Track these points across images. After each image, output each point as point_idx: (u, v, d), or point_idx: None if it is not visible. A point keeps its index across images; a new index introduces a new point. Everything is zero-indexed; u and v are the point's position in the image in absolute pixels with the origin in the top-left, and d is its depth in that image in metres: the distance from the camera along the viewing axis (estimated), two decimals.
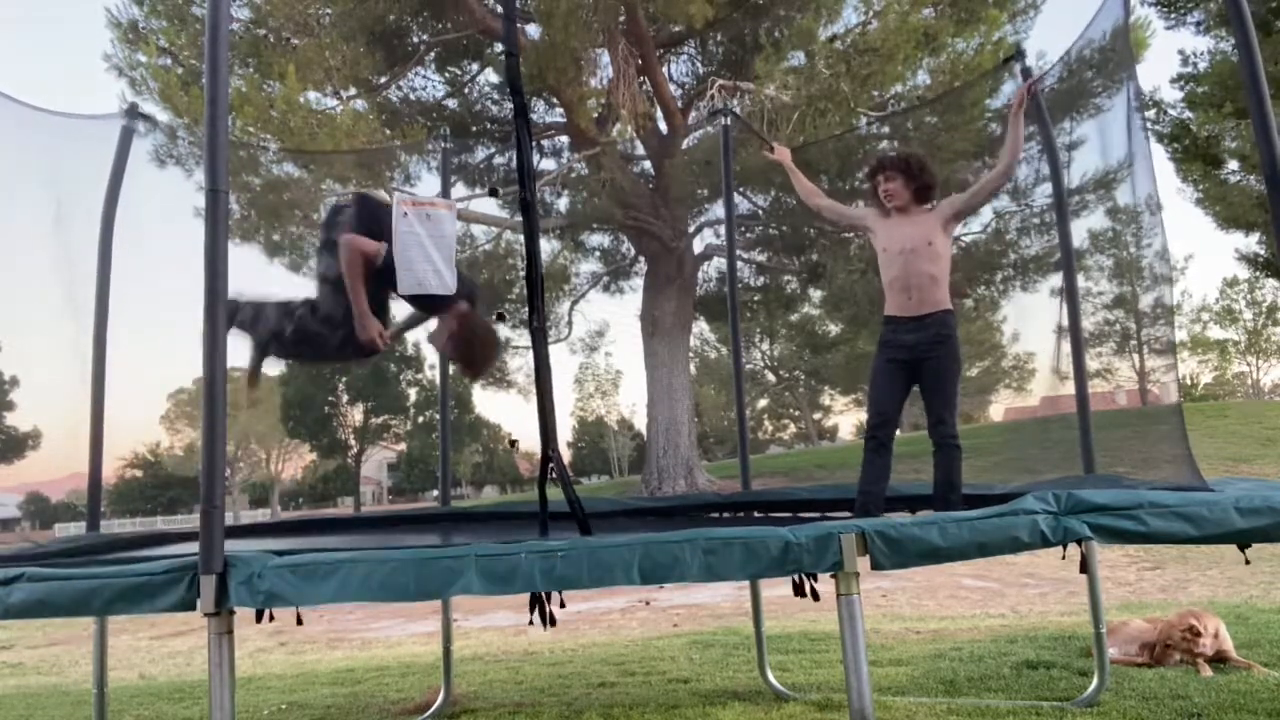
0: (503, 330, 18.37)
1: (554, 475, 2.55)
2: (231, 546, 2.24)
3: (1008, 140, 3.55)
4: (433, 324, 3.50)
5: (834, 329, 20.64)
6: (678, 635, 5.89)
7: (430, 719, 4.05)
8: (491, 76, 15.91)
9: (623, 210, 15.09)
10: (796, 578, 2.51)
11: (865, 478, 3.38)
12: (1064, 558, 2.51)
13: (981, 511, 2.24)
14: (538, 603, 2.39)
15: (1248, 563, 2.64)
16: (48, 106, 3.82)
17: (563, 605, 2.43)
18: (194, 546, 2.22)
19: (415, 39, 15.29)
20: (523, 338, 18.20)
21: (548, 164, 16.49)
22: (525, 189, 2.52)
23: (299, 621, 2.64)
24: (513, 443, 3.48)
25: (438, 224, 3.22)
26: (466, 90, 16.49)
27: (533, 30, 13.28)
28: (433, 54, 15.67)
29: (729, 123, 5.16)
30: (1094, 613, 3.62)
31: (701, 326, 26.10)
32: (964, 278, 15.44)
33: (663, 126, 15.69)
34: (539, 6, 12.38)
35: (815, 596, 2.56)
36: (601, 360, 47.55)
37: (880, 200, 3.64)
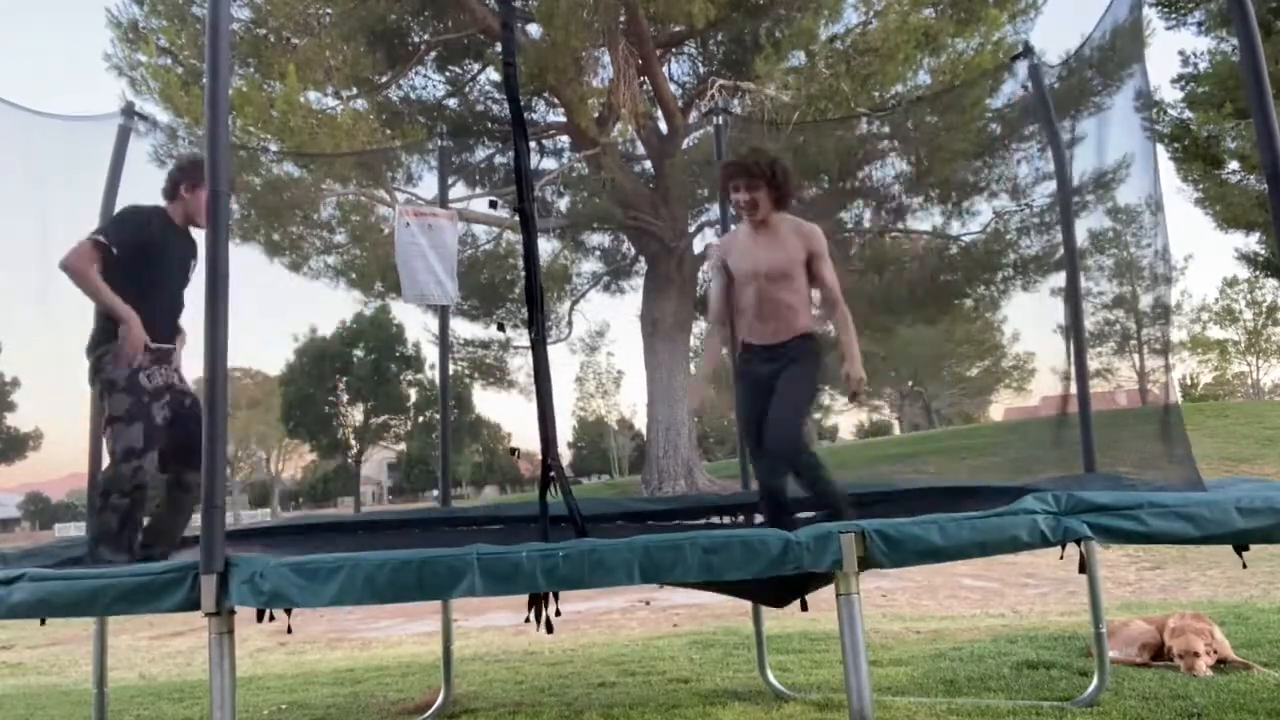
0: (505, 332, 18.37)
1: (554, 484, 2.55)
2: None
3: (843, 335, 3.27)
4: None
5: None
6: (678, 635, 5.88)
7: (430, 719, 4.05)
8: (493, 76, 15.93)
9: (623, 210, 15.10)
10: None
11: (826, 482, 3.11)
12: (1062, 557, 2.50)
13: (981, 511, 2.24)
14: (536, 604, 2.40)
15: (1245, 566, 2.62)
16: (49, 105, 3.84)
17: (558, 614, 2.43)
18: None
19: (415, 39, 15.29)
20: (524, 338, 18.22)
21: (548, 164, 16.51)
22: (523, 200, 2.52)
23: (289, 630, 2.64)
24: (513, 451, 3.47)
25: (439, 234, 3.25)
26: (467, 90, 16.50)
27: (533, 30, 13.29)
28: (433, 54, 15.68)
29: (720, 121, 5.15)
30: (1094, 613, 3.62)
31: (702, 326, 26.09)
32: (964, 278, 15.47)
33: (663, 126, 15.70)
34: (539, 6, 12.39)
35: (804, 606, 2.44)
36: (602, 360, 47.54)
37: (737, 209, 3.24)
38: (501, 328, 17.41)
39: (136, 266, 3.11)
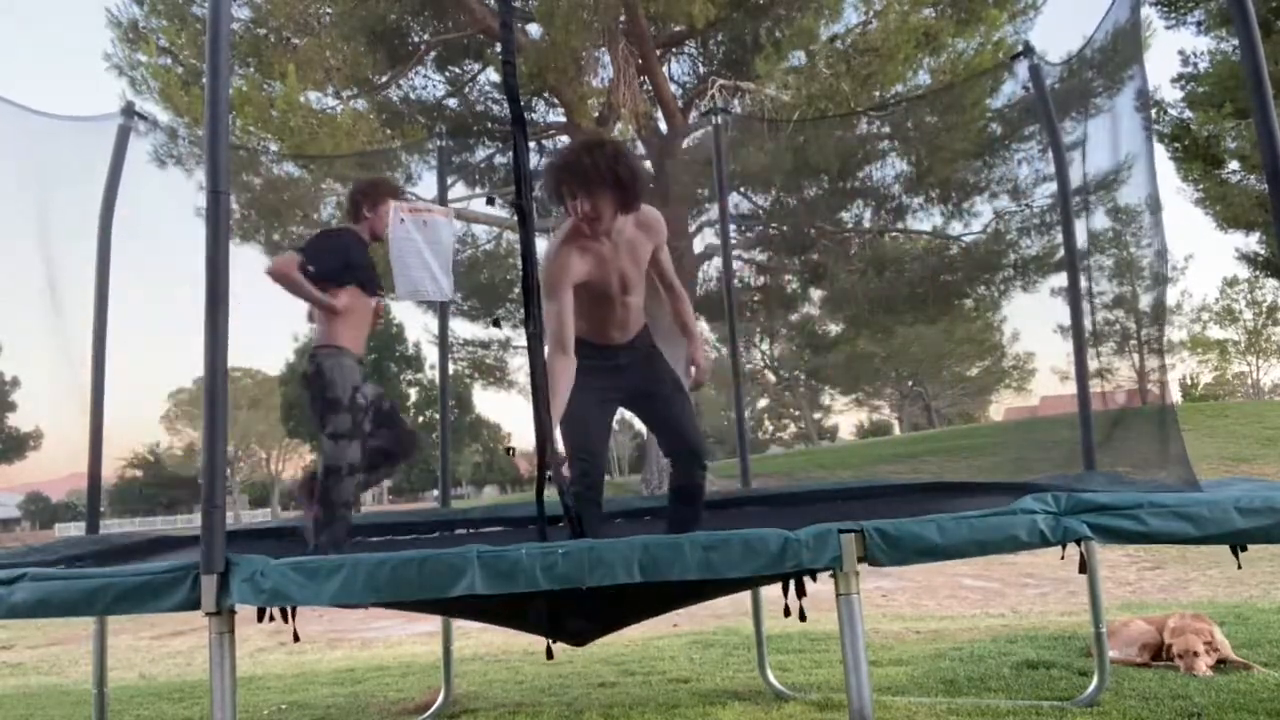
0: (502, 330, 18.40)
1: (551, 482, 2.55)
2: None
3: (686, 317, 3.14)
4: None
5: (834, 329, 20.67)
6: (678, 635, 5.88)
7: (430, 719, 4.05)
8: (492, 76, 15.94)
9: None
10: (786, 602, 2.46)
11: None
12: (1062, 557, 2.50)
13: (981, 511, 2.24)
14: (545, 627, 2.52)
15: (1240, 567, 2.62)
16: (50, 104, 3.84)
17: (550, 655, 2.55)
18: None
19: (415, 39, 15.30)
20: (523, 338, 18.20)
21: None
22: (521, 195, 2.51)
23: (295, 639, 2.64)
24: (509, 450, 3.45)
25: (434, 230, 3.21)
26: (467, 90, 16.50)
27: (533, 30, 13.30)
28: (433, 54, 15.68)
29: (720, 121, 5.15)
30: (1094, 613, 3.62)
31: (702, 326, 26.15)
32: (964, 278, 15.48)
33: (663, 126, 15.71)
34: (539, 7, 12.39)
35: (802, 617, 2.40)
36: None
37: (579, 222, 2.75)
38: (497, 323, 17.37)
39: (336, 285, 3.29)
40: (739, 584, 3.07)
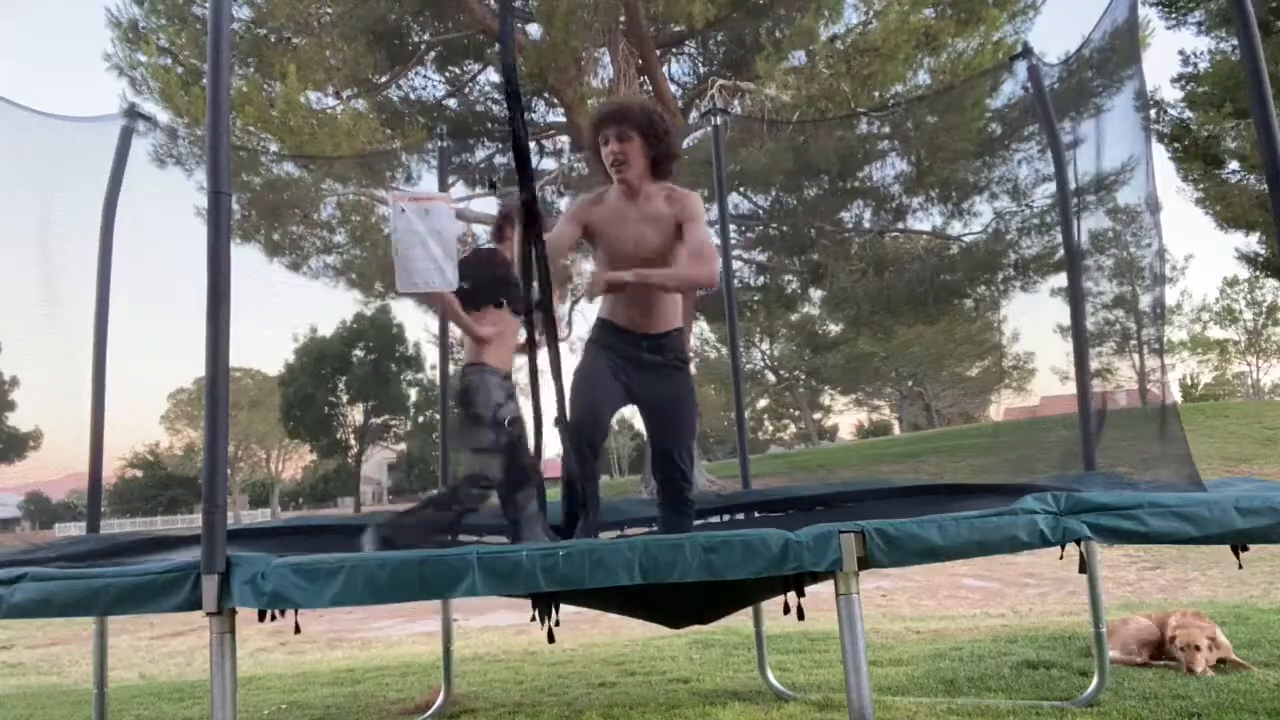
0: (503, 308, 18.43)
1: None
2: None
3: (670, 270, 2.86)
4: None
5: (834, 329, 20.69)
6: (678, 635, 5.88)
7: (430, 719, 4.05)
8: (493, 76, 15.96)
9: None
10: (786, 598, 2.45)
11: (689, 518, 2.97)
12: (1061, 557, 2.50)
13: (981, 511, 2.24)
14: (543, 612, 2.52)
15: (1240, 566, 2.62)
16: (49, 105, 3.84)
17: (558, 623, 2.53)
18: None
19: (416, 39, 15.31)
20: (521, 336, 18.18)
21: (548, 164, 16.52)
22: (525, 189, 2.53)
23: (297, 630, 2.65)
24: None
25: (436, 218, 3.14)
26: (467, 90, 16.51)
27: (533, 30, 13.30)
28: (433, 54, 15.69)
29: (720, 121, 5.14)
30: (1094, 613, 3.62)
31: (701, 326, 26.14)
32: (964, 278, 15.48)
33: None
34: (539, 6, 12.40)
35: (800, 615, 2.36)
36: None
37: (604, 168, 2.81)
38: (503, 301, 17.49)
39: (486, 304, 3.44)
40: (745, 597, 3.06)
